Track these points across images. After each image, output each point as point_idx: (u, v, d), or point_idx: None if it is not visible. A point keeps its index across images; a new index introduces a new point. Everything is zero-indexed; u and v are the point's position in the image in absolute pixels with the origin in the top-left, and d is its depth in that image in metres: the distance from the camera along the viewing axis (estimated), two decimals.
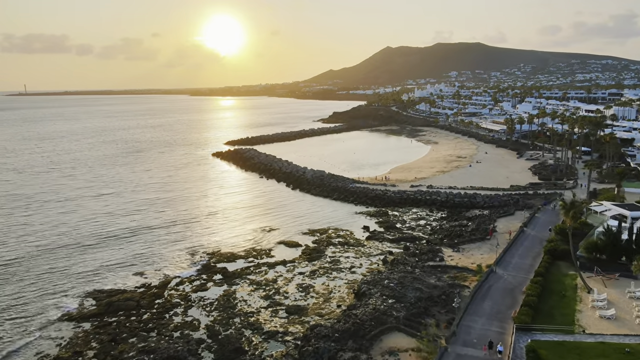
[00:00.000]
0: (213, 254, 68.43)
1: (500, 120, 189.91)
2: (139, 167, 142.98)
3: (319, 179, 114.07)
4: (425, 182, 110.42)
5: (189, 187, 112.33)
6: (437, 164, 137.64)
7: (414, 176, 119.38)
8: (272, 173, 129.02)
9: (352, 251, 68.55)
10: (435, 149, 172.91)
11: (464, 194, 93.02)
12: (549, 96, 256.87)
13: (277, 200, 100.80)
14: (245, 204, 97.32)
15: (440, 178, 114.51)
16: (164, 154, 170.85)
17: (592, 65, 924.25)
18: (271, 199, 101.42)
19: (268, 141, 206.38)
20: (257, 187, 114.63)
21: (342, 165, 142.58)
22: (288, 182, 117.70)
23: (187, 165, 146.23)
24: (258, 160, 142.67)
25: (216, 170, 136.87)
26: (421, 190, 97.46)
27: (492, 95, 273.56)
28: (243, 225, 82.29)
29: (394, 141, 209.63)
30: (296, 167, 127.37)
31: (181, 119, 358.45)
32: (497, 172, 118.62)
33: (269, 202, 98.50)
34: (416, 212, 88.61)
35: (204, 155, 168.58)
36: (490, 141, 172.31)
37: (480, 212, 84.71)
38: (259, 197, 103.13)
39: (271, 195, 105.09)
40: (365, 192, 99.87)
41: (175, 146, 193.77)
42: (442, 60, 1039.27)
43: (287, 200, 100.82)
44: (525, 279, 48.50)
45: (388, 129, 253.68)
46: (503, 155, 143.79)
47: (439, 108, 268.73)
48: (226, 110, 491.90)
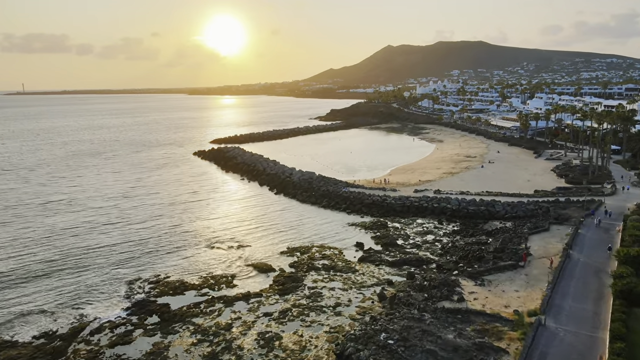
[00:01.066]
0: (157, 283, 52.14)
1: (512, 117, 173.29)
2: (107, 168, 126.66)
3: (307, 182, 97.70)
4: (431, 185, 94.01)
5: (156, 193, 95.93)
6: (443, 164, 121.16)
7: (417, 179, 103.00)
8: (255, 174, 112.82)
9: (339, 279, 52.21)
10: (441, 147, 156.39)
11: (479, 201, 76.56)
12: (561, 92, 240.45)
13: (255, 208, 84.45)
14: (217, 213, 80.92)
15: (448, 181, 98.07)
16: (140, 153, 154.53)
17: (597, 63, 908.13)
18: (249, 207, 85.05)
19: (258, 139, 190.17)
20: (235, 191, 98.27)
21: (336, 166, 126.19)
22: (272, 186, 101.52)
23: (162, 166, 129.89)
24: (241, 160, 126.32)
25: (193, 172, 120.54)
26: (427, 197, 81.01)
27: (500, 91, 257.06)
28: (208, 242, 65.91)
29: (394, 140, 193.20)
30: (282, 168, 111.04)
31: (171, 117, 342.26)
32: (515, 174, 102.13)
33: (246, 211, 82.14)
34: (422, 224, 72.17)
35: (185, 154, 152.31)
36: (502, 139, 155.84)
37: (501, 225, 68.37)
38: (234, 205, 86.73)
39: (250, 202, 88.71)
40: (360, 198, 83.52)
41: (156, 145, 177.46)
42: (443, 59, 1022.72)
43: (268, 208, 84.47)
44: (592, 339, 32.17)
45: (388, 126, 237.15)
46: (518, 155, 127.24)
47: (443, 105, 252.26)
48: (221, 109, 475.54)
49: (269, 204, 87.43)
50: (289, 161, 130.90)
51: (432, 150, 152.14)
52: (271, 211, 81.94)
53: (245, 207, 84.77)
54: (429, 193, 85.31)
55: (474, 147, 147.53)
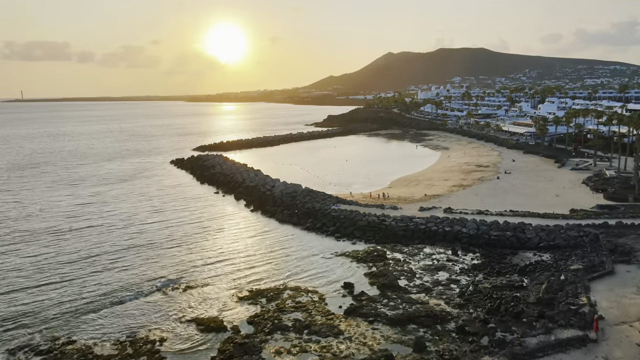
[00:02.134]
0: (49, 354, 35.65)
1: (526, 122, 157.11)
2: (64, 181, 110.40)
3: (290, 197, 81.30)
4: (439, 202, 77.61)
5: (109, 213, 79.31)
6: (452, 175, 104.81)
7: (422, 193, 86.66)
8: (232, 187, 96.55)
9: (314, 348, 35.68)
10: (447, 155, 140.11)
11: (503, 223, 60.03)
12: (575, 96, 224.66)
13: (222, 232, 67.95)
14: (173, 239, 64.29)
15: (460, 196, 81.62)
16: (111, 162, 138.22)
17: (600, 70, 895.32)
18: (214, 231, 68.53)
19: (246, 146, 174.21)
20: (203, 209, 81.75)
21: (328, 176, 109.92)
22: (249, 201, 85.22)
23: (130, 177, 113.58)
24: (219, 170, 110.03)
25: (163, 184, 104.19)
26: (436, 217, 64.49)
27: (508, 96, 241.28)
28: (148, 283, 49.39)
29: (395, 147, 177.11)
30: (264, 180, 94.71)
31: (160, 123, 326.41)
32: (539, 187, 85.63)
33: (208, 237, 65.63)
34: (431, 255, 55.62)
35: (161, 163, 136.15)
36: (515, 146, 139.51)
37: (536, 257, 51.97)
38: (197, 228, 70.16)
39: (217, 224, 72.17)
40: (352, 219, 67.07)
41: (133, 153, 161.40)
42: (444, 66, 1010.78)
43: (238, 231, 68.02)
44: None
45: (389, 132, 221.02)
46: (537, 164, 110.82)
47: (447, 110, 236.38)
48: (215, 115, 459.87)
49: (241, 226, 70.92)
50: (275, 171, 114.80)
51: (437, 159, 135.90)
52: (241, 236, 65.44)
53: (209, 231, 68.18)
54: (437, 212, 68.89)
55: (484, 155, 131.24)
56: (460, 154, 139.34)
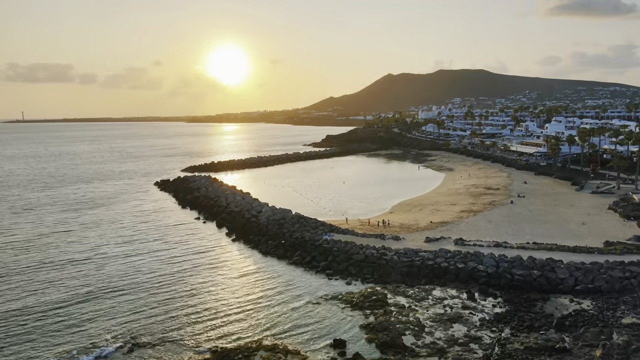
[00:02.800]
0: None
1: (536, 141, 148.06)
2: (32, 205, 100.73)
3: (277, 224, 71.38)
4: (448, 230, 67.69)
5: (71, 243, 69.30)
6: (459, 198, 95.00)
7: (428, 219, 76.76)
8: (215, 212, 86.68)
9: None
10: (452, 177, 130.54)
11: (528, 260, 49.99)
12: (582, 115, 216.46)
13: (193, 270, 57.68)
14: (136, 281, 53.89)
15: (471, 224, 71.64)
16: (89, 184, 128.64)
17: (600, 92, 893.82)
18: (185, 268, 58.29)
19: (238, 167, 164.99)
20: (181, 238, 71.69)
21: (323, 200, 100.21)
22: (232, 228, 75.34)
23: (108, 200, 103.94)
24: (204, 193, 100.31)
25: (142, 209, 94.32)
26: (446, 251, 54.44)
27: (512, 115, 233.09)
28: (87, 341, 39.14)
29: (396, 168, 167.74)
30: (250, 204, 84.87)
31: (154, 143, 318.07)
32: (560, 213, 75.68)
33: (179, 274, 55.41)
34: (442, 300, 45.42)
35: (144, 185, 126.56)
36: (525, 167, 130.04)
37: (576, 305, 41.89)
38: (168, 262, 60.07)
39: (191, 258, 61.97)
40: (347, 252, 57.01)
41: (117, 174, 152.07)
42: (444, 87, 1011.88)
43: (214, 269, 57.80)
44: None
45: (389, 153, 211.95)
46: (552, 187, 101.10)
47: (449, 129, 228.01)
48: (212, 135, 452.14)
49: (218, 260, 60.75)
50: (265, 194, 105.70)
51: (441, 181, 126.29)
52: (215, 275, 55.19)
53: (179, 268, 57.87)
54: (447, 243, 58.92)
55: (492, 177, 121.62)
56: (465, 176, 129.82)
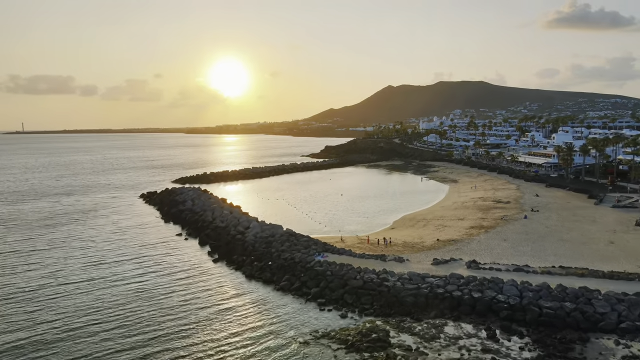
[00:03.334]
0: None
1: (545, 151, 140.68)
2: (0, 220, 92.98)
3: (264, 242, 63.48)
4: (458, 250, 59.78)
5: (28, 267, 61.35)
6: (467, 213, 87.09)
7: (433, 236, 68.87)
8: (199, 227, 78.79)
9: None
10: (457, 189, 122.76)
11: (557, 288, 42.04)
12: (590, 125, 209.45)
13: (167, 299, 49.63)
14: (93, 316, 45.90)
15: (483, 242, 63.66)
16: (70, 197, 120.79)
17: (601, 103, 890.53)
18: (155, 297, 50.25)
19: (232, 178, 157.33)
20: (157, 259, 63.66)
21: (318, 214, 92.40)
22: (215, 246, 67.40)
23: (85, 215, 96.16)
24: (189, 206, 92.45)
25: (121, 225, 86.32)
26: (458, 276, 46.47)
27: (517, 125, 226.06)
28: None
29: (397, 179, 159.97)
30: (237, 220, 77.02)
31: (149, 154, 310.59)
32: (582, 230, 67.75)
33: (146, 306, 47.37)
34: (456, 340, 37.31)
35: (128, 197, 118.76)
36: (534, 179, 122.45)
37: (624, 349, 33.86)
38: (136, 289, 52.07)
39: (164, 284, 53.95)
40: (343, 277, 49.03)
41: (103, 185, 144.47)
42: (444, 99, 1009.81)
43: (188, 296, 49.72)
44: None
45: (390, 164, 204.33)
46: (567, 200, 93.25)
47: (452, 140, 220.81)
48: (209, 146, 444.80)
49: (195, 286, 52.69)
50: (257, 207, 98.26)
51: (446, 193, 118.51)
52: (188, 304, 47.17)
53: (148, 297, 49.78)
54: (458, 266, 50.98)
55: (500, 189, 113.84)
56: (471, 188, 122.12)
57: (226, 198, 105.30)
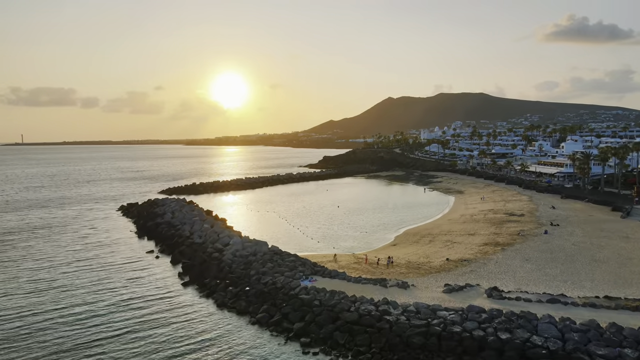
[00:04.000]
0: None
1: (557, 160, 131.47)
2: None
3: (243, 262, 53.94)
4: (472, 272, 50.15)
5: None
6: (478, 227, 77.48)
7: (442, 255, 59.25)
8: (173, 244, 69.15)
9: None
10: (463, 201, 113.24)
11: (610, 329, 32.33)
12: (599, 134, 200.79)
13: (121, 335, 40.02)
14: (29, 354, 36.38)
15: (502, 263, 54.01)
16: (42, 209, 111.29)
17: (603, 115, 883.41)
18: (109, 333, 40.62)
19: (222, 189, 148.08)
20: (118, 283, 54.05)
21: (311, 227, 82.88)
22: (187, 267, 57.66)
23: (50, 230, 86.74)
24: (167, 219, 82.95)
25: (88, 241, 76.81)
26: (478, 309, 36.77)
27: (523, 134, 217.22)
28: None
29: (398, 190, 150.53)
30: (217, 235, 67.55)
31: (142, 165, 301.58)
32: (615, 248, 58.14)
33: (86, 347, 37.72)
34: None
35: (107, 209, 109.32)
36: (547, 189, 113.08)
37: None
38: (85, 323, 42.47)
39: (120, 315, 44.30)
40: (334, 308, 39.37)
41: (81, 197, 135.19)
42: (445, 110, 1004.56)
43: (147, 332, 40.12)
44: None
45: (390, 174, 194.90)
46: (588, 213, 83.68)
47: (455, 149, 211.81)
48: (207, 157, 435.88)
49: (153, 319, 42.95)
50: (244, 220, 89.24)
51: (451, 205, 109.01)
52: (143, 343, 37.50)
53: (94, 332, 40.19)
54: (475, 295, 41.39)
55: (511, 201, 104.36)
56: (478, 199, 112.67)
57: (212, 210, 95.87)
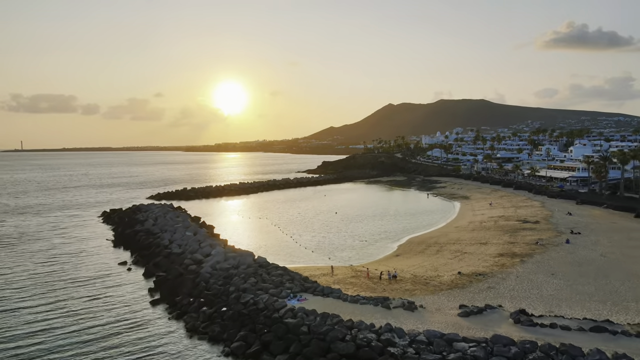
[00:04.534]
0: None
1: (569, 164, 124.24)
2: None
3: (222, 277, 46.59)
4: (490, 289, 42.69)
5: None
6: (489, 235, 70.00)
7: (453, 268, 51.76)
8: (150, 254, 61.69)
9: None
10: (470, 207, 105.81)
11: None
12: (609, 138, 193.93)
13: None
14: None
15: (524, 277, 46.49)
16: (20, 216, 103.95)
17: (604, 121, 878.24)
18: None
19: (214, 194, 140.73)
20: (80, 300, 46.68)
21: (304, 236, 75.40)
22: (161, 281, 50.15)
23: (24, 238, 79.50)
24: (149, 226, 75.63)
25: (60, 251, 69.47)
26: (505, 340, 29.22)
27: (528, 138, 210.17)
28: None
29: (399, 196, 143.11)
30: (198, 245, 60.21)
31: (136, 170, 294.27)
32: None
33: None
34: None
35: (88, 216, 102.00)
36: (559, 194, 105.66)
37: None
38: (31, 355, 34.91)
39: (71, 343, 36.83)
40: (325, 337, 31.85)
41: (66, 203, 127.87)
42: (445, 117, 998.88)
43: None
44: None
45: (391, 179, 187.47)
46: (610, 220, 76.27)
47: (458, 154, 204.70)
48: (204, 163, 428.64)
49: (112, 348, 35.49)
50: (233, 228, 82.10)
51: (457, 212, 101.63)
52: None
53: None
54: (499, 319, 33.89)
55: (523, 207, 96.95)
56: (486, 205, 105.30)
57: (200, 217, 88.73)
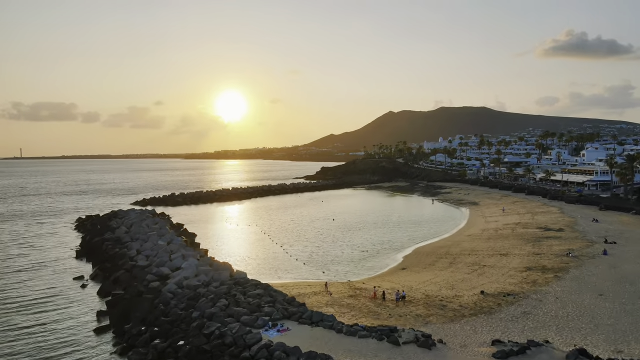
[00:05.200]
0: None
1: (587, 168, 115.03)
2: None
3: (187, 297, 37.14)
4: (524, 315, 33.18)
5: None
6: (508, 244, 60.64)
7: (473, 285, 42.51)
8: (113, 267, 52.44)
9: None
10: (481, 213, 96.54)
11: None
12: (621, 141, 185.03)
13: None
14: None
15: (564, 299, 37.16)
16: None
17: (607, 129, 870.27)
18: None
19: (204, 200, 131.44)
20: (15, 330, 37.26)
21: (296, 246, 66.05)
22: (115, 301, 40.84)
23: None
24: (120, 234, 66.47)
25: (17, 264, 60.48)
26: None
27: (536, 142, 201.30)
28: None
29: (402, 202, 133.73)
30: (166, 257, 50.96)
31: (127, 177, 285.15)
32: None
33: None
34: None
35: (59, 223, 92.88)
36: (578, 200, 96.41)
37: None
38: None
39: None
40: None
41: (42, 210, 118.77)
42: (446, 124, 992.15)
43: None
44: None
45: (393, 185, 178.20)
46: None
47: (462, 159, 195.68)
48: (202, 169, 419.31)
49: None
50: (217, 237, 72.96)
51: (467, 218, 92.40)
52: None
53: None
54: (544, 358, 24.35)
55: (540, 213, 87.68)
56: (497, 211, 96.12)
57: (183, 223, 79.75)
